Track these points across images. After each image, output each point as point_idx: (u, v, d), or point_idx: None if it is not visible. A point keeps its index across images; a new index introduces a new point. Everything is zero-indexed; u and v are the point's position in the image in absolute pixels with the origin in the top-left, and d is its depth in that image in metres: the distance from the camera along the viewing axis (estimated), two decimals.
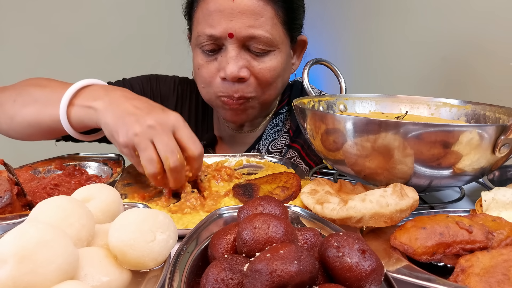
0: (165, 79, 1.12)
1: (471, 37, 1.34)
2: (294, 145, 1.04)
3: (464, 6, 1.37)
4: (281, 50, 0.92)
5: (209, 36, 0.87)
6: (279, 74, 0.93)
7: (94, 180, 0.77)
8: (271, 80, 0.92)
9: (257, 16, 0.85)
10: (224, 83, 0.90)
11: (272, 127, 1.07)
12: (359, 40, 2.03)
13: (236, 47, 0.87)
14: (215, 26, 0.86)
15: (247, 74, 0.89)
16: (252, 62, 0.89)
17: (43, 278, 0.35)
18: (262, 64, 0.90)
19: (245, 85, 0.90)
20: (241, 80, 0.89)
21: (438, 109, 0.85)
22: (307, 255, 0.33)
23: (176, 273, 0.39)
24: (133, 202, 0.63)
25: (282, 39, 0.92)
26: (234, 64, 0.87)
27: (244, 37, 0.86)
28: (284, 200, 0.65)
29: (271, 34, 0.87)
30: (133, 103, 0.69)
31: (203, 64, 0.92)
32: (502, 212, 0.58)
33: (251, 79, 0.90)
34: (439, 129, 0.56)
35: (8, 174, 0.64)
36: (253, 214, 0.41)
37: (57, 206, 0.44)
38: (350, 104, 0.89)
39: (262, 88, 0.92)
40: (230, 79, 0.88)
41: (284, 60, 0.94)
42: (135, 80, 1.08)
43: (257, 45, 0.87)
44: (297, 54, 1.03)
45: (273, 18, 0.88)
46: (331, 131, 0.64)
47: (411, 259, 0.47)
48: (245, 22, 0.85)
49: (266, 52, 0.89)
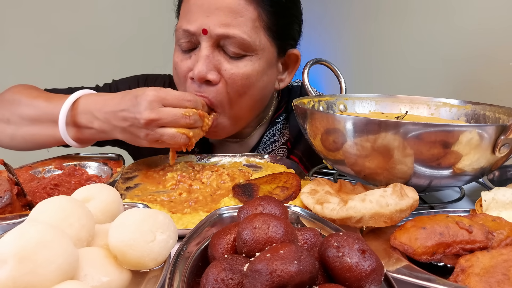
0: (156, 78, 1.06)
1: (471, 37, 1.34)
2: (292, 157, 1.00)
3: (464, 6, 1.37)
4: (260, 58, 0.83)
5: (184, 31, 0.81)
6: (253, 83, 0.83)
7: (94, 180, 0.77)
8: (242, 90, 0.82)
9: (235, 15, 0.78)
10: (193, 84, 0.82)
11: (268, 138, 0.99)
12: (359, 40, 2.03)
13: (209, 46, 0.79)
14: (191, 22, 0.80)
15: (216, 77, 0.80)
16: (225, 64, 0.81)
17: (43, 278, 0.35)
18: (235, 69, 0.81)
19: (214, 90, 0.81)
20: (209, 83, 0.81)
21: (438, 109, 0.85)
22: (307, 255, 0.33)
23: (176, 273, 0.39)
24: (133, 202, 0.63)
25: (264, 45, 0.83)
26: (203, 63, 0.79)
27: (219, 35, 0.78)
28: (284, 200, 0.65)
29: (249, 37, 0.79)
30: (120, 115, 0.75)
31: (177, 62, 0.85)
32: (502, 212, 0.58)
33: (221, 85, 0.81)
34: (439, 129, 0.56)
35: (8, 174, 0.64)
36: (253, 214, 0.41)
37: (57, 206, 0.44)
38: (350, 104, 0.89)
39: (230, 99, 0.83)
40: (197, 79, 0.80)
41: (262, 69, 0.84)
42: (122, 83, 1.04)
43: (232, 47, 0.79)
44: (288, 70, 0.94)
45: (255, 21, 0.80)
46: (331, 131, 0.64)
47: (411, 259, 0.47)
48: (221, 19, 0.78)
49: (241, 56, 0.81)
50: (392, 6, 1.77)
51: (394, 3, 1.76)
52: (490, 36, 1.27)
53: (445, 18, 1.46)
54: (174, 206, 0.68)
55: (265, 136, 1.00)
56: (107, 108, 0.76)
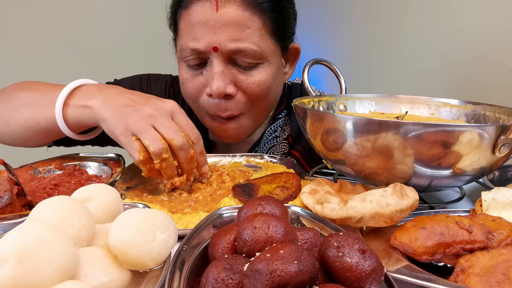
0: (157, 79, 1.07)
1: (471, 37, 1.34)
2: (293, 152, 1.02)
3: (464, 6, 1.37)
4: (271, 62, 0.86)
5: (193, 50, 0.82)
6: (269, 87, 0.88)
7: (94, 180, 0.77)
8: (261, 95, 0.87)
9: (243, 28, 0.80)
10: (211, 101, 0.85)
11: (270, 133, 1.02)
12: (359, 40, 2.03)
13: (221, 62, 0.81)
14: (198, 40, 0.80)
15: (234, 90, 0.84)
16: (240, 76, 0.84)
17: (43, 278, 0.35)
18: (251, 78, 0.84)
19: (234, 103, 0.85)
20: (228, 97, 0.84)
21: (438, 109, 0.85)
22: (307, 255, 0.33)
23: (176, 273, 0.39)
24: (133, 202, 0.63)
25: (272, 50, 0.86)
26: (220, 80, 0.81)
27: (230, 50, 0.80)
28: (284, 200, 0.65)
29: (259, 47, 0.82)
30: (128, 97, 0.70)
31: (188, 79, 0.87)
32: (502, 212, 0.58)
33: (239, 95, 0.85)
34: (439, 129, 0.56)
35: (8, 174, 0.64)
36: (253, 214, 0.41)
37: (57, 206, 0.44)
38: (350, 104, 0.89)
39: (251, 103, 0.87)
40: (216, 96, 0.83)
41: (274, 73, 0.88)
42: (125, 81, 1.05)
43: (244, 59, 0.82)
44: (290, 62, 0.98)
45: (261, 29, 0.82)
46: (331, 131, 0.64)
47: (411, 259, 0.47)
48: (230, 35, 0.79)
49: (254, 65, 0.84)
50: (392, 6, 1.77)
51: (394, 3, 1.76)
52: (490, 37, 1.27)
53: (445, 19, 1.46)
54: (174, 206, 0.68)
55: (267, 132, 1.02)
56: (115, 88, 0.74)
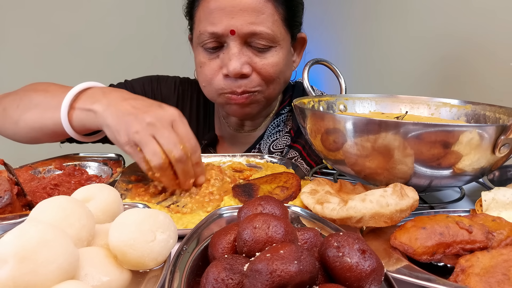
0: (166, 80, 1.13)
1: (471, 37, 1.34)
2: (295, 145, 1.04)
3: (464, 6, 1.37)
4: (282, 47, 0.93)
5: (211, 33, 0.88)
6: (282, 70, 0.95)
7: (94, 180, 0.77)
8: (275, 76, 0.93)
9: (258, 13, 0.87)
10: (227, 80, 0.91)
11: (273, 127, 1.08)
12: (359, 40, 2.03)
13: (238, 44, 0.88)
14: (216, 24, 0.87)
15: (250, 70, 0.90)
16: (254, 58, 0.91)
17: (43, 278, 0.35)
18: (265, 60, 0.91)
19: (248, 81, 0.91)
20: (243, 76, 0.90)
21: (438, 109, 0.85)
22: (307, 255, 0.33)
23: (176, 273, 0.39)
24: (133, 202, 0.63)
25: (283, 35, 0.93)
26: (236, 60, 0.88)
27: (246, 33, 0.87)
28: (284, 200, 0.65)
29: (272, 31, 0.89)
30: (131, 103, 0.71)
31: (205, 62, 0.93)
32: (502, 212, 0.58)
33: (254, 75, 0.91)
34: (439, 129, 0.56)
35: (8, 174, 0.64)
36: (253, 214, 0.41)
37: (57, 206, 0.44)
38: (350, 104, 0.89)
39: (266, 83, 0.94)
40: (232, 76, 0.89)
41: (286, 56, 0.95)
42: (136, 82, 1.10)
43: (259, 41, 0.89)
44: (297, 51, 1.04)
45: (274, 15, 0.89)
46: (331, 131, 0.64)
47: (411, 259, 0.47)
48: (247, 19, 0.86)
49: (267, 48, 0.91)
50: (392, 7, 1.77)
51: (394, 3, 1.76)
52: (490, 37, 1.27)
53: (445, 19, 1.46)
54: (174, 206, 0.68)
55: (270, 126, 1.08)
56: (120, 93, 0.74)
